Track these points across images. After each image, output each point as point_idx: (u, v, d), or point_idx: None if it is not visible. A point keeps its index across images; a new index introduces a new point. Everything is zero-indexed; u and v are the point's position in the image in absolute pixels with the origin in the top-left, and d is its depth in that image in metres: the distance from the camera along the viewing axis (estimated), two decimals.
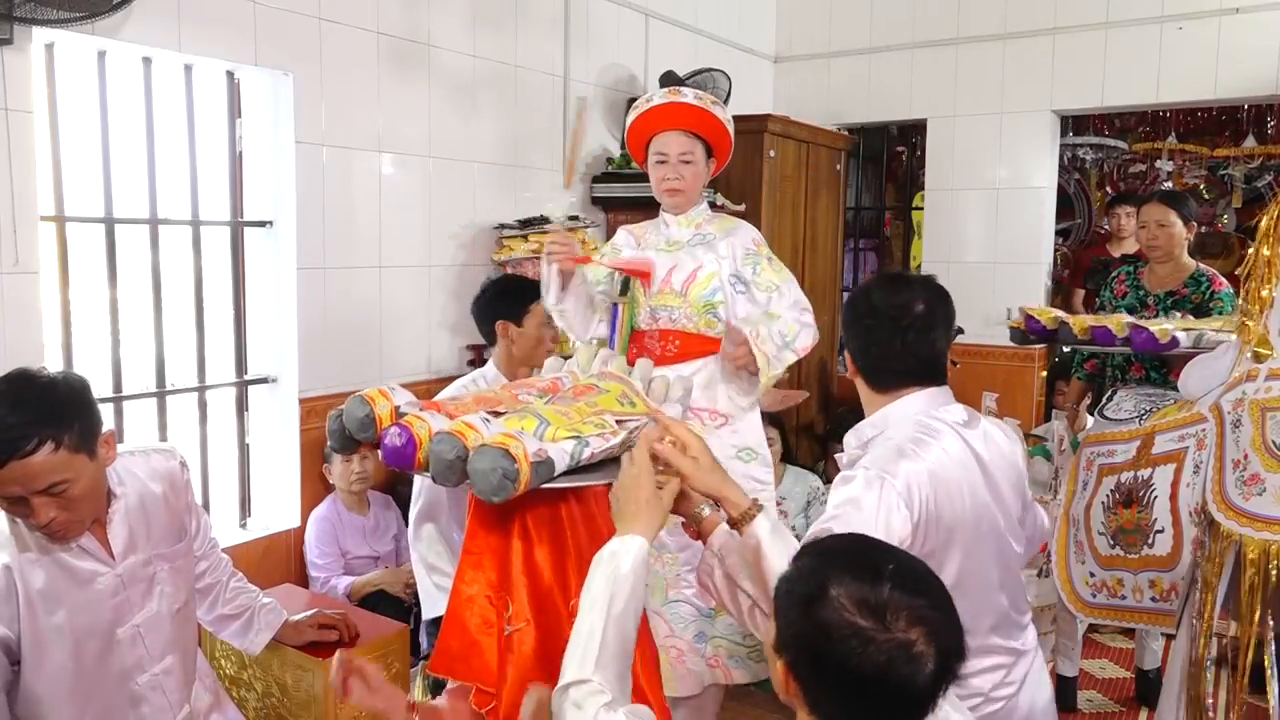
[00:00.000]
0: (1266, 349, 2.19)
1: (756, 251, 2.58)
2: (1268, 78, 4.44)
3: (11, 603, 1.66)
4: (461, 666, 1.58)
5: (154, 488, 1.87)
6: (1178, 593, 2.40)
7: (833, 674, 1.10)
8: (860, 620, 1.08)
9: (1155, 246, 3.48)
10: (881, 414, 1.73)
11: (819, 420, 5.39)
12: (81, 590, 1.73)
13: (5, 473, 1.55)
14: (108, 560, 1.77)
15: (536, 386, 1.76)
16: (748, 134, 4.51)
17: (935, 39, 5.26)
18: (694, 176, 2.57)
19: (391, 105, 3.52)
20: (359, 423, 1.56)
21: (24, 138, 2.57)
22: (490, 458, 1.39)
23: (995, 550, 1.70)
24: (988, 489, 1.68)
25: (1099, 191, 6.42)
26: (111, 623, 1.77)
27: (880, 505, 1.55)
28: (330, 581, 3.15)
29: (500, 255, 3.87)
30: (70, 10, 2.43)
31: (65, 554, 1.72)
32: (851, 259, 6.69)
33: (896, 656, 1.07)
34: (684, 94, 2.53)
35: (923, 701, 1.10)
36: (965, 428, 1.70)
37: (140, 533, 1.82)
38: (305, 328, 3.28)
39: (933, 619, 1.10)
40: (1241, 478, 2.13)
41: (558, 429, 1.49)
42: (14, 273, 2.56)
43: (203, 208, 3.18)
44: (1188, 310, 3.41)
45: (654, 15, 4.75)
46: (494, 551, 1.60)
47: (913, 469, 1.58)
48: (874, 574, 1.11)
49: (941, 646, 1.09)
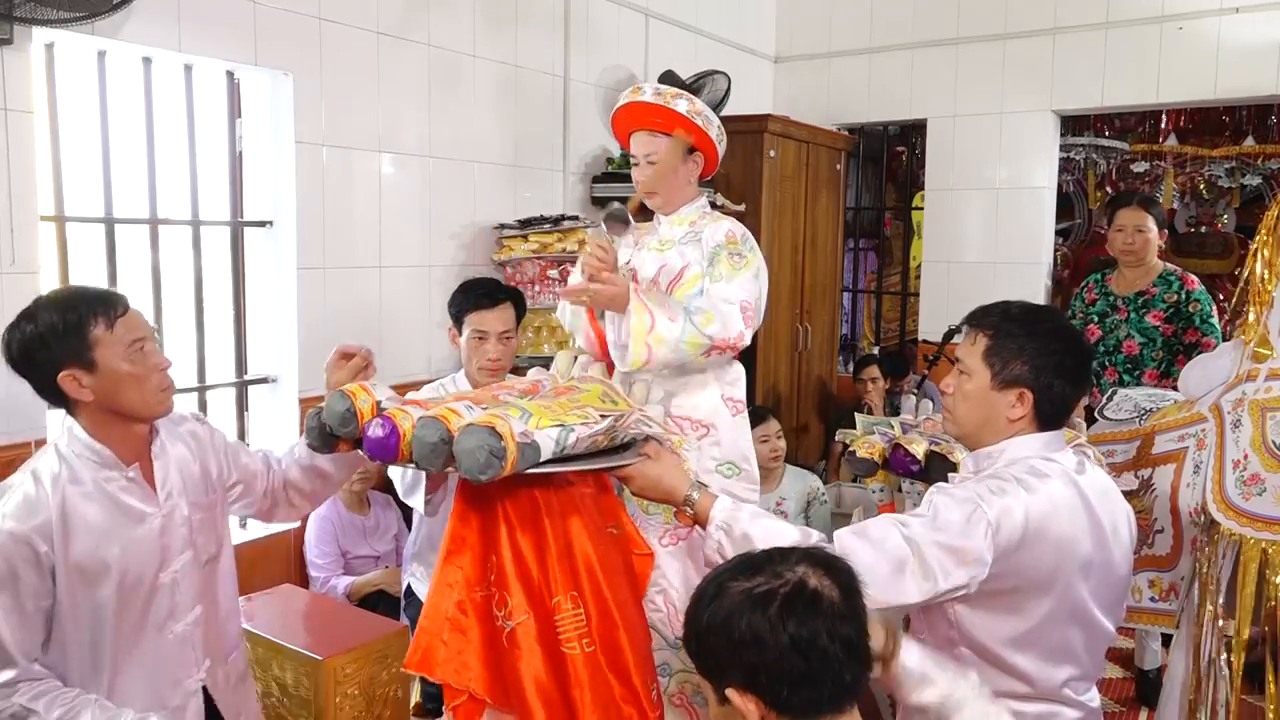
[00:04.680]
0: (1266, 349, 2.19)
1: (723, 244, 2.38)
2: (1268, 78, 4.44)
3: (57, 536, 1.65)
4: (439, 666, 1.58)
5: (182, 441, 1.88)
6: (1177, 593, 2.40)
7: (761, 651, 1.11)
8: (750, 583, 1.15)
9: (1131, 251, 3.55)
10: (1001, 446, 1.67)
11: (819, 420, 5.39)
12: (132, 528, 1.72)
13: (130, 316, 1.72)
14: (153, 498, 1.77)
15: (516, 388, 1.76)
16: (748, 134, 4.52)
17: (935, 39, 5.26)
18: (664, 175, 2.40)
19: (391, 105, 3.52)
20: (340, 417, 1.56)
21: (24, 138, 2.57)
22: (477, 436, 1.38)
23: (1084, 614, 1.63)
24: (1094, 547, 1.61)
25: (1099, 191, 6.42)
26: (157, 567, 1.76)
27: (967, 525, 1.52)
28: (330, 581, 3.15)
29: (500, 255, 3.87)
30: (70, 10, 2.43)
31: (117, 489, 1.72)
32: (851, 259, 6.69)
33: (797, 596, 1.13)
34: (644, 91, 2.38)
35: (850, 645, 1.13)
36: (1080, 474, 1.64)
37: (176, 478, 1.82)
38: (305, 328, 3.28)
39: (816, 555, 1.20)
40: (1241, 478, 2.13)
41: (541, 418, 1.49)
42: (14, 273, 2.56)
43: (203, 208, 3.18)
44: (1162, 310, 3.50)
45: (654, 15, 4.75)
46: (479, 546, 1.60)
47: (1010, 506, 1.54)
48: (750, 557, 1.23)
49: (839, 580, 1.16)
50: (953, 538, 1.51)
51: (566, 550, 1.60)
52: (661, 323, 2.13)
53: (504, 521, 1.59)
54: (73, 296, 1.72)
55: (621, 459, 1.63)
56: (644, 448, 1.67)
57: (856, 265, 6.86)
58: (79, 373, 1.67)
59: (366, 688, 2.47)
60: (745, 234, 2.44)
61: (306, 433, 1.67)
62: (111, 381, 1.69)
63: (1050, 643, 1.60)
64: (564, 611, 1.57)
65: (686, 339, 2.15)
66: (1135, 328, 3.56)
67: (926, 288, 5.49)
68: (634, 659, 1.62)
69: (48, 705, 1.61)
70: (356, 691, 2.44)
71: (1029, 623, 1.57)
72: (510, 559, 1.57)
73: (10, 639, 1.61)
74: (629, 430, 1.65)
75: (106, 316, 1.69)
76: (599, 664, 1.59)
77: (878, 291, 6.95)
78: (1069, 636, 1.62)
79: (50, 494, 1.66)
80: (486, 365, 2.65)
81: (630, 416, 1.62)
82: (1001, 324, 1.67)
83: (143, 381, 1.72)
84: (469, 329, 2.66)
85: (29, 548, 1.62)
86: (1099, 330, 3.64)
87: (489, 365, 2.65)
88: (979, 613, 1.57)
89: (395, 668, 2.54)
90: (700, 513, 1.61)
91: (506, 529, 1.58)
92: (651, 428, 1.70)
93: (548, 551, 1.58)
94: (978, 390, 1.67)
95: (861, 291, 6.98)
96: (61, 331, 1.66)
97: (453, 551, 1.61)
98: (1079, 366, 1.67)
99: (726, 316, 2.22)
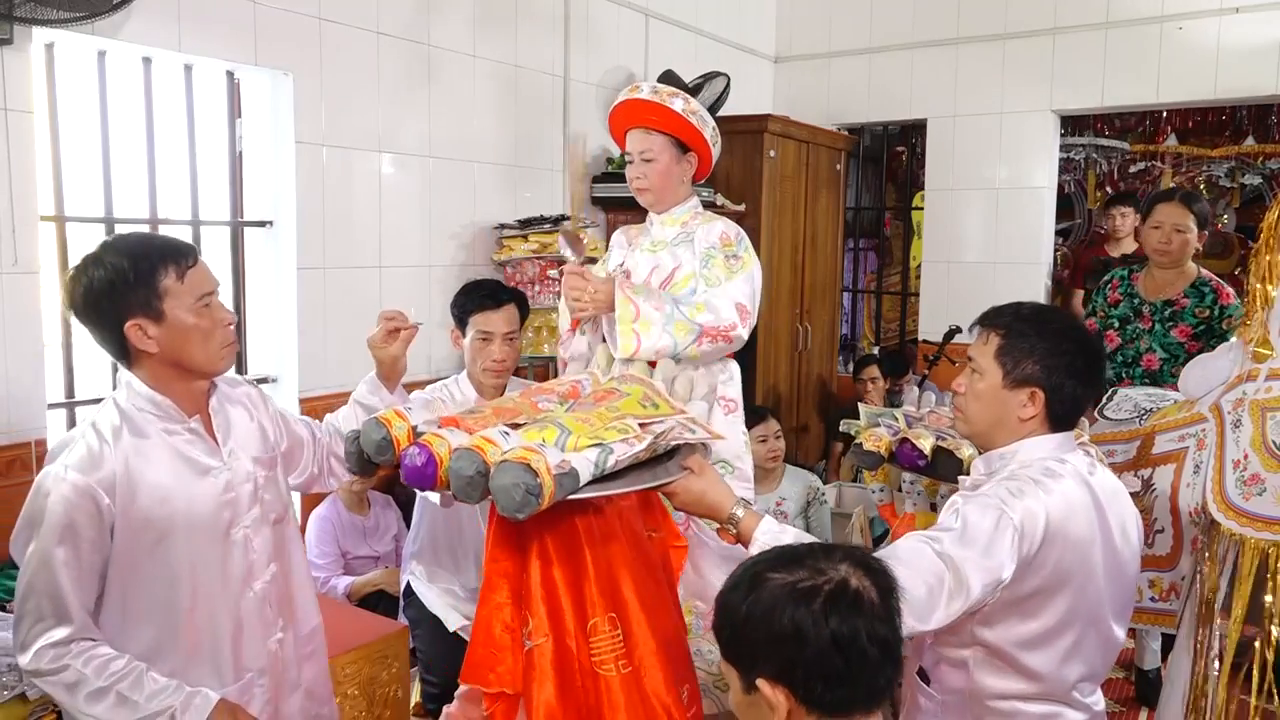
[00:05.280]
0: (1267, 349, 2.19)
1: (718, 246, 2.41)
2: (1268, 78, 4.44)
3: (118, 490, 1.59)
4: (490, 674, 1.57)
5: (239, 403, 1.84)
6: (1177, 593, 2.40)
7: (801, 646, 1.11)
8: (792, 576, 1.15)
9: (1167, 252, 3.23)
10: (1013, 448, 1.67)
11: (819, 420, 5.39)
12: (197, 482, 1.68)
13: (199, 268, 1.67)
14: (217, 452, 1.72)
15: (556, 392, 1.73)
16: (748, 134, 4.52)
17: (935, 39, 5.26)
18: (659, 174, 2.41)
19: (391, 105, 3.52)
20: (376, 446, 1.54)
21: (24, 138, 2.57)
22: (512, 474, 1.35)
23: (1097, 614, 1.63)
24: (1105, 548, 1.62)
25: (1099, 191, 6.42)
26: (227, 523, 1.71)
27: (995, 532, 1.51)
28: (330, 581, 3.15)
29: (500, 255, 3.87)
30: (70, 10, 2.43)
31: (181, 442, 1.67)
32: (851, 259, 6.69)
33: (841, 594, 1.12)
34: (641, 89, 2.40)
35: (888, 648, 1.13)
36: (1091, 475, 1.65)
37: (238, 433, 1.78)
38: (305, 328, 3.28)
39: (856, 555, 1.18)
40: (1242, 478, 2.13)
41: (579, 437, 1.46)
42: (14, 273, 2.56)
43: (203, 208, 3.18)
44: (1190, 325, 3.21)
45: (654, 15, 4.75)
46: (514, 565, 1.59)
47: (1033, 509, 1.54)
48: (791, 550, 1.23)
49: (878, 582, 1.15)
50: (983, 550, 1.50)
51: (608, 574, 1.58)
52: (646, 310, 2.18)
53: (538, 547, 1.57)
54: (143, 243, 1.66)
55: (665, 473, 1.59)
56: (687, 460, 1.63)
57: (856, 265, 6.86)
58: (146, 323, 1.61)
59: (366, 688, 2.47)
60: (740, 234, 2.45)
61: (346, 457, 1.62)
62: (179, 334, 1.63)
63: (1065, 642, 1.60)
64: (601, 634, 1.56)
65: (674, 323, 2.18)
66: (1159, 341, 3.26)
67: (926, 288, 5.49)
68: (667, 671, 1.61)
69: (97, 671, 1.55)
70: (356, 691, 2.44)
71: (1046, 623, 1.58)
72: (539, 581, 1.56)
73: (70, 593, 1.55)
74: (672, 439, 1.62)
75: (178, 266, 1.63)
76: (635, 683, 1.57)
77: (878, 291, 6.95)
78: (1083, 636, 1.62)
79: (113, 447, 1.60)
80: (491, 366, 2.65)
81: (672, 428, 1.59)
82: (1014, 324, 1.68)
83: (209, 336, 1.67)
84: (473, 330, 2.66)
85: (92, 501, 1.56)
86: (1118, 338, 3.35)
87: (494, 366, 2.65)
88: (999, 615, 1.58)
89: (395, 668, 2.54)
90: (744, 531, 1.59)
91: (540, 554, 1.56)
92: (695, 431, 1.65)
93: (586, 578, 1.57)
94: (989, 389, 1.68)
95: (861, 291, 6.99)
96: (132, 280, 1.59)
97: (493, 566, 1.59)
98: (1091, 366, 1.67)
99: (719, 308, 2.27)
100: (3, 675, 2.07)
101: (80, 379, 2.91)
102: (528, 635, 1.56)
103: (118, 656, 1.58)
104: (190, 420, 1.70)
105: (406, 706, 2.63)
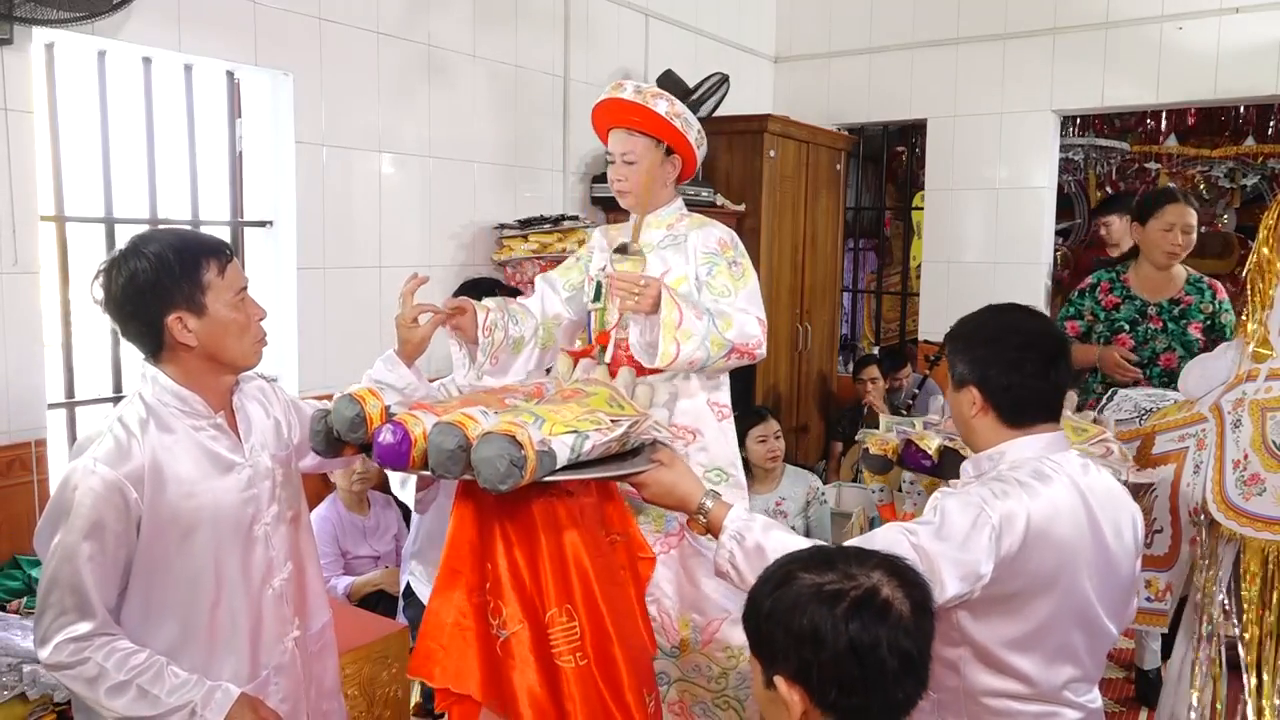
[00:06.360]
0: (1267, 349, 2.20)
1: (718, 252, 2.33)
2: (1268, 78, 4.44)
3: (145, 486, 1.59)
4: (436, 669, 1.57)
5: (254, 397, 1.85)
6: (1173, 592, 2.40)
7: (818, 648, 1.11)
8: (821, 578, 1.14)
9: (1175, 254, 3.25)
10: (1001, 449, 1.68)
11: (819, 420, 5.40)
12: (222, 477, 1.68)
13: (235, 264, 1.69)
14: (239, 448, 1.73)
15: (521, 391, 1.73)
16: (748, 134, 4.52)
17: (935, 39, 5.26)
18: (640, 175, 2.31)
19: (391, 105, 3.52)
20: (349, 423, 1.53)
21: (24, 138, 2.57)
22: (497, 445, 1.35)
23: (1086, 617, 1.63)
24: (1095, 551, 1.62)
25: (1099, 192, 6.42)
26: (250, 519, 1.72)
27: (972, 530, 1.52)
28: (330, 581, 3.15)
29: (500, 255, 3.87)
30: (70, 10, 2.43)
31: (206, 438, 1.68)
32: (851, 259, 6.70)
33: (867, 601, 1.11)
34: (624, 89, 2.29)
35: (909, 662, 1.11)
36: (1083, 476, 1.65)
37: (258, 430, 1.79)
38: (305, 328, 3.28)
39: (894, 565, 1.17)
40: (1242, 478, 2.14)
41: (554, 425, 1.47)
42: (14, 273, 2.56)
43: (203, 208, 3.18)
44: (1200, 321, 3.25)
45: (654, 15, 4.75)
46: (477, 551, 1.59)
47: (1013, 510, 1.55)
48: (826, 553, 1.22)
49: (912, 595, 1.15)
50: (959, 545, 1.51)
51: (560, 564, 1.59)
52: (689, 319, 2.11)
53: (500, 530, 1.57)
54: (184, 237, 1.67)
55: (634, 465, 1.60)
56: (657, 454, 1.64)
57: (856, 265, 6.86)
58: (188, 316, 1.61)
59: (366, 688, 2.47)
60: (734, 239, 2.40)
61: (311, 436, 1.63)
62: (218, 328, 1.64)
63: (1051, 645, 1.60)
64: (557, 625, 1.56)
65: (711, 336, 2.14)
66: (1178, 340, 3.26)
67: (926, 288, 5.49)
68: (629, 672, 1.61)
69: (118, 665, 1.54)
70: (356, 692, 2.44)
71: (1030, 625, 1.58)
72: (506, 568, 1.56)
73: (94, 588, 1.55)
74: (641, 436, 1.63)
75: (219, 260, 1.65)
76: (592, 678, 1.58)
77: (878, 291, 6.95)
78: (1070, 639, 1.62)
79: (141, 441, 1.60)
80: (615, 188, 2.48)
81: (643, 422, 1.60)
82: (951, 334, 1.79)
83: (245, 330, 1.69)
84: None
85: (120, 495, 1.56)
86: (1131, 339, 3.33)
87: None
88: (981, 615, 1.58)
89: (395, 668, 2.54)
90: (713, 521, 1.59)
91: (503, 538, 1.57)
92: (661, 433, 1.68)
93: (541, 565, 1.57)
94: (950, 398, 1.78)
95: (861, 291, 6.99)
96: (178, 272, 1.59)
97: (452, 556, 1.60)
98: (1025, 353, 1.67)
99: (743, 324, 2.22)
100: (2, 675, 2.07)
101: (80, 379, 2.91)
102: (501, 625, 1.55)
103: (138, 651, 1.58)
104: (216, 416, 1.71)
105: (406, 706, 2.63)
